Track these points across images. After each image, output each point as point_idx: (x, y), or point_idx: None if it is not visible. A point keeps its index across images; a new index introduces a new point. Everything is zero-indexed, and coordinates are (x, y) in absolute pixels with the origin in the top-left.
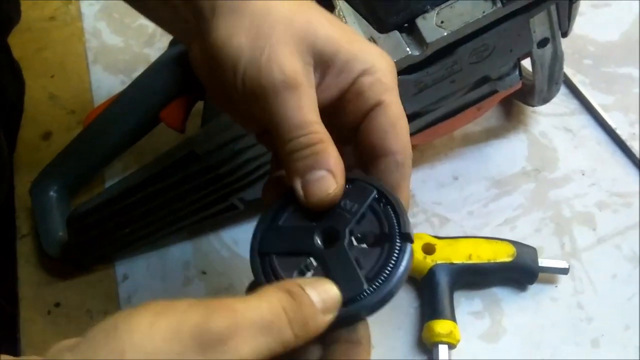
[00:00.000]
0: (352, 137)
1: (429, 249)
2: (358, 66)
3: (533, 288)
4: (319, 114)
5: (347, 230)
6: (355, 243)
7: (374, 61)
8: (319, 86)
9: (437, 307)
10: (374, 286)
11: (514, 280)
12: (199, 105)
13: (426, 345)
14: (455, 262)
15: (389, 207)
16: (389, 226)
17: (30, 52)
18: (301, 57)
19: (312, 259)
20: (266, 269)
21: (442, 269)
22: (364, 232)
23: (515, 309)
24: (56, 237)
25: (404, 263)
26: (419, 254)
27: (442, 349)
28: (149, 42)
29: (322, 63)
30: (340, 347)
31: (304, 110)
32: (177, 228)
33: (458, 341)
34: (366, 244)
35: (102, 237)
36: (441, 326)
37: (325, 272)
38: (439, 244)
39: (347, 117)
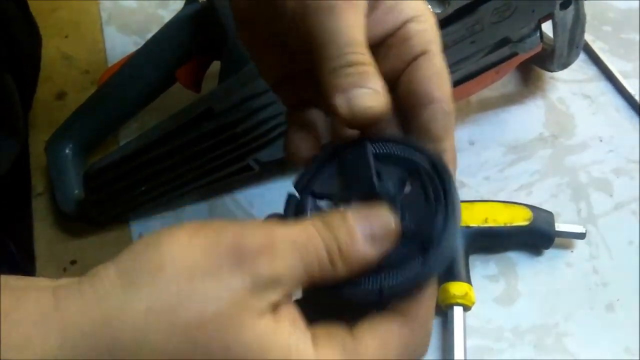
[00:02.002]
0: (392, 84)
1: None
2: (408, 11)
3: (548, 253)
4: (367, 41)
5: (393, 194)
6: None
7: (423, 10)
8: (368, 18)
9: (452, 269)
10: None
11: (530, 245)
12: (215, 67)
13: (441, 308)
14: (471, 225)
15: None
16: (433, 186)
17: (44, 12)
18: None
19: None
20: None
21: (458, 232)
22: (403, 198)
23: (530, 273)
24: (72, 195)
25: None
26: None
27: (457, 311)
28: (162, 3)
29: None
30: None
31: (356, 30)
32: (192, 188)
33: (473, 303)
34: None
35: (117, 195)
36: (456, 288)
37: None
38: None
39: (389, 62)
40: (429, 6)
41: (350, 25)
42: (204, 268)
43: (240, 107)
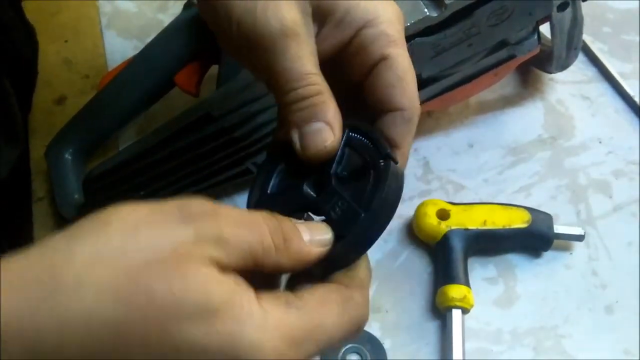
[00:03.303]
0: (358, 92)
1: (443, 215)
2: (360, 16)
3: (547, 255)
4: (318, 65)
5: (331, 173)
6: (342, 182)
7: (378, 11)
8: (317, 37)
9: (451, 272)
10: (370, 213)
11: (529, 247)
12: (213, 70)
13: (439, 310)
14: (469, 227)
15: (364, 139)
16: (369, 155)
17: (44, 17)
18: (299, 6)
19: (309, 212)
20: None
21: (457, 234)
22: (349, 169)
23: (529, 275)
24: (72, 199)
25: (389, 182)
26: (433, 220)
27: (456, 314)
28: (162, 7)
29: (321, 12)
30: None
31: (303, 61)
32: (191, 192)
33: (472, 306)
34: (354, 180)
35: (117, 199)
36: (455, 291)
37: (325, 218)
38: (453, 209)
39: (351, 72)
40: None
41: (298, 56)
42: (149, 221)
43: (238, 111)
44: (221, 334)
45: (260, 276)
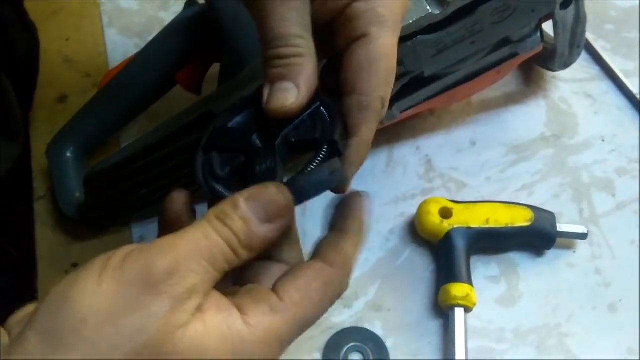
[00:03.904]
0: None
1: (445, 213)
2: None
3: (550, 253)
4: (309, 28)
5: (282, 133)
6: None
7: None
8: (315, 1)
9: (453, 270)
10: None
11: (532, 245)
12: (215, 68)
13: (442, 309)
14: (472, 226)
15: (328, 117)
16: (321, 134)
17: (45, 16)
18: None
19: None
20: (205, 167)
21: (459, 233)
22: (300, 138)
23: (532, 274)
24: (73, 198)
25: (319, 170)
26: (435, 218)
27: (458, 312)
28: (163, 5)
29: None
30: (326, 239)
31: (289, 23)
32: (193, 190)
33: (474, 304)
34: (299, 150)
35: (118, 197)
36: (457, 289)
37: (251, 170)
38: (456, 208)
39: (338, 40)
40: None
41: (285, 17)
42: (122, 306)
43: None
44: None
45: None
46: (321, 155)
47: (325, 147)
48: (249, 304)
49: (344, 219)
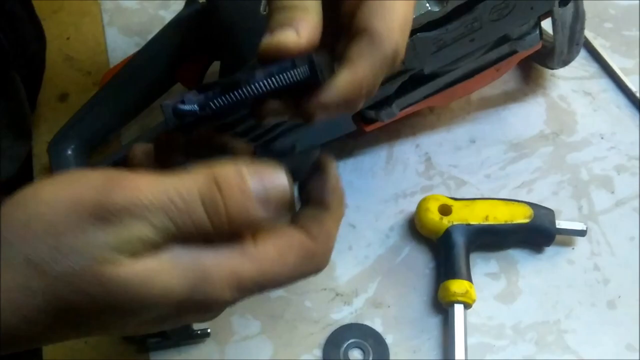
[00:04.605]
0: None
1: (445, 210)
2: None
3: (549, 250)
4: None
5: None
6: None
7: None
8: None
9: (453, 267)
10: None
11: (531, 242)
12: (215, 67)
13: (442, 305)
14: (471, 223)
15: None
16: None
17: (46, 14)
18: None
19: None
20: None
21: (459, 229)
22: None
23: (531, 271)
24: None
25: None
26: (435, 215)
27: (458, 309)
28: (164, 4)
29: None
30: (307, 209)
31: None
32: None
33: (474, 301)
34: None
35: None
36: (457, 285)
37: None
38: (455, 205)
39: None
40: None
41: None
42: (65, 224)
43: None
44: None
45: None
46: (292, 73)
47: (301, 67)
48: (222, 245)
49: (323, 190)
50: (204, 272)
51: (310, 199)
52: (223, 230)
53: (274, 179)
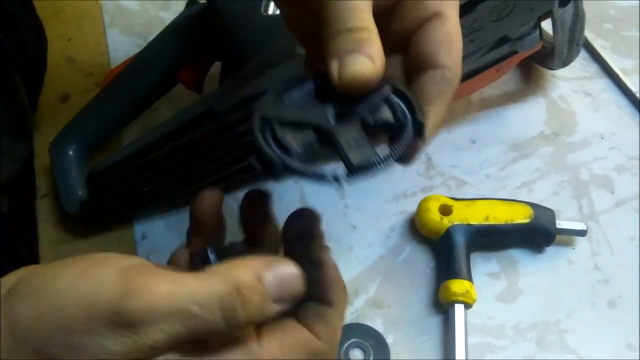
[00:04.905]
0: (403, 46)
1: (445, 210)
2: None
3: (550, 250)
4: (371, 11)
5: (359, 112)
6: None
7: None
8: None
9: (453, 267)
10: (387, 155)
11: (531, 242)
12: (216, 67)
13: (442, 305)
14: (472, 223)
15: (403, 103)
16: (403, 115)
17: (47, 15)
18: None
19: (318, 134)
20: (266, 135)
21: (459, 229)
22: (379, 121)
23: (531, 271)
24: (75, 196)
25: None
26: (435, 215)
27: (458, 309)
28: (164, 5)
29: None
30: (311, 306)
31: (359, 2)
32: (194, 188)
33: (474, 301)
34: (375, 132)
35: (120, 195)
36: (457, 285)
37: (333, 146)
38: (455, 205)
39: (402, 22)
40: None
41: None
42: (80, 325)
43: (241, 107)
44: None
45: None
46: (406, 138)
47: (411, 129)
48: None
49: (323, 286)
50: None
51: (312, 295)
52: (236, 332)
53: (287, 273)
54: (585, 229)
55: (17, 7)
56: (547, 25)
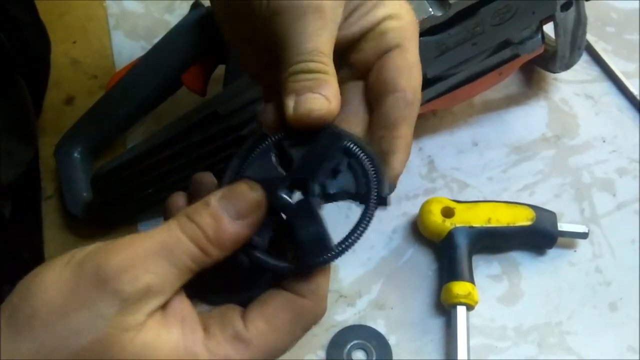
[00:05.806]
0: (363, 75)
1: (448, 213)
2: (386, 10)
3: (552, 252)
4: (332, 50)
5: (316, 185)
6: (323, 198)
7: (401, 11)
8: (343, 22)
9: (455, 269)
10: (339, 248)
11: (533, 245)
12: (220, 69)
13: (444, 307)
14: (474, 225)
15: (367, 162)
16: (366, 186)
17: (52, 18)
18: None
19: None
20: None
21: (461, 232)
22: (338, 189)
23: (533, 273)
24: (80, 197)
25: (366, 227)
26: (438, 217)
27: (460, 310)
28: (169, 8)
29: (351, 4)
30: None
31: (321, 39)
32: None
33: (476, 303)
34: (336, 200)
35: (125, 197)
36: (460, 287)
37: (291, 230)
38: (458, 207)
39: (364, 53)
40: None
41: (318, 33)
42: (73, 303)
43: (245, 110)
44: None
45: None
46: (369, 212)
47: (373, 202)
48: (215, 324)
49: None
50: None
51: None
52: (215, 256)
53: (238, 195)
54: (586, 231)
55: (19, 10)
56: (549, 28)
